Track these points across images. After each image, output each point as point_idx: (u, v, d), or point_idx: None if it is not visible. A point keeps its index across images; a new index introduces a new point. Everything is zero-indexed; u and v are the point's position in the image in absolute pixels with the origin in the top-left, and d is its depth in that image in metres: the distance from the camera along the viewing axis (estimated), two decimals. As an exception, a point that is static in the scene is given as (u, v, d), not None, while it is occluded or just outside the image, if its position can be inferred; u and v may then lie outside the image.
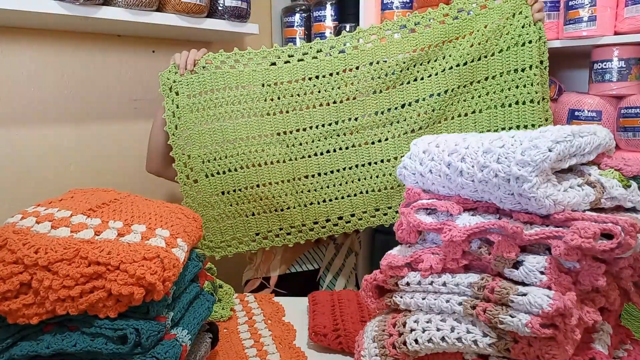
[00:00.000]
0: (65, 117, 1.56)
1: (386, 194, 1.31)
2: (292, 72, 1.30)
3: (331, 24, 1.98)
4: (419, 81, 1.26)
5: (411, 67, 1.26)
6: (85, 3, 1.29)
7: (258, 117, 1.31)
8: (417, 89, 1.27)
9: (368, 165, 1.31)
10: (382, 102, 1.28)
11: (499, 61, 1.24)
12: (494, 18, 1.22)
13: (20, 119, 1.47)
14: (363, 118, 1.29)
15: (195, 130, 1.32)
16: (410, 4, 1.78)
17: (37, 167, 1.51)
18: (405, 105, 1.27)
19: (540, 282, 0.58)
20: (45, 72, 1.51)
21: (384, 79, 1.27)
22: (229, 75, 1.32)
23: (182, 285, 0.77)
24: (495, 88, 1.24)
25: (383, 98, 1.28)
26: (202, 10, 1.55)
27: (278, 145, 1.32)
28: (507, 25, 1.22)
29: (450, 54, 1.25)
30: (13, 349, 0.64)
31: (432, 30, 1.25)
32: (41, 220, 0.73)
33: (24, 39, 1.45)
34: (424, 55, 1.25)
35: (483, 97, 1.26)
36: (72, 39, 1.55)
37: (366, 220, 1.33)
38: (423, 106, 1.26)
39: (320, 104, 1.30)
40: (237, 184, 1.33)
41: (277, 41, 2.17)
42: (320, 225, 1.35)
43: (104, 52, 1.63)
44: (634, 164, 0.67)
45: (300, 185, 1.33)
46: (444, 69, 1.25)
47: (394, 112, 1.28)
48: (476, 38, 1.23)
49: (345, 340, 0.91)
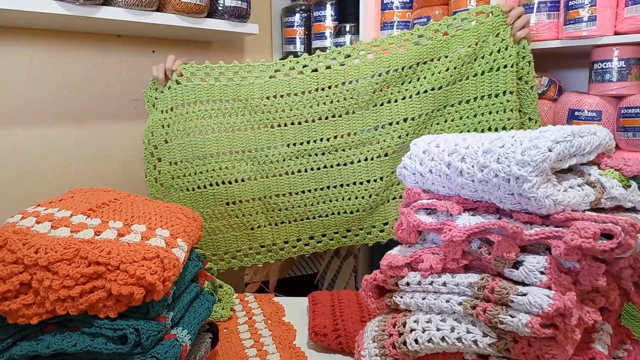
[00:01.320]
0: (65, 117, 1.56)
1: (358, 216, 1.29)
2: (263, 89, 1.27)
3: (331, 24, 1.98)
4: (392, 103, 1.24)
5: (384, 89, 1.24)
6: (85, 3, 1.29)
7: (229, 132, 1.29)
8: (390, 111, 1.24)
9: (340, 187, 1.28)
10: (355, 124, 1.26)
11: (473, 86, 1.21)
12: (470, 41, 1.20)
13: (20, 119, 1.47)
14: (335, 139, 1.26)
15: (165, 146, 1.30)
16: (410, 4, 1.78)
17: (37, 167, 1.51)
18: (378, 127, 1.25)
19: (540, 282, 0.58)
20: (45, 72, 1.51)
21: (357, 99, 1.24)
22: (199, 88, 1.29)
23: (182, 285, 0.77)
24: (469, 113, 1.22)
25: (356, 119, 1.26)
26: (202, 10, 1.55)
27: (249, 162, 1.30)
28: (483, 48, 1.19)
29: (425, 77, 1.22)
30: (13, 349, 0.64)
31: (406, 52, 1.23)
32: (41, 220, 0.73)
33: (24, 39, 1.45)
34: (397, 76, 1.23)
35: (456, 122, 1.23)
36: (72, 39, 1.55)
37: (337, 241, 1.32)
38: (397, 130, 1.24)
39: (292, 123, 1.27)
40: (206, 201, 1.30)
41: (277, 41, 2.17)
42: (290, 245, 1.32)
43: (104, 52, 1.63)
44: (634, 164, 0.67)
45: (272, 204, 1.30)
46: (419, 92, 1.22)
47: (367, 134, 1.25)
48: (452, 62, 1.20)
49: (345, 340, 0.91)
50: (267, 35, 2.15)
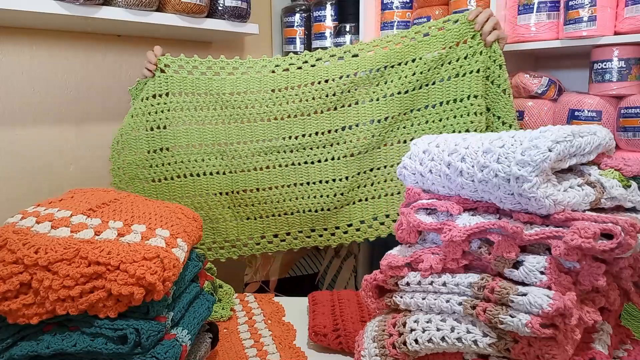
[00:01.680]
0: (65, 117, 1.56)
1: (322, 215, 1.31)
2: (234, 85, 1.28)
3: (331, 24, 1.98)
4: (360, 105, 1.26)
5: (352, 90, 1.26)
6: (85, 3, 1.29)
7: (199, 125, 1.30)
8: (358, 112, 1.26)
9: (306, 185, 1.29)
10: (322, 123, 1.28)
11: (439, 90, 1.24)
12: (437, 47, 1.22)
13: (20, 119, 1.47)
14: (303, 137, 1.28)
15: (132, 135, 1.29)
16: (410, 4, 1.78)
17: (37, 167, 1.51)
18: (345, 128, 1.27)
19: (540, 282, 0.57)
20: (45, 72, 1.51)
21: (325, 99, 1.26)
22: (172, 80, 1.30)
23: (182, 285, 0.77)
24: (435, 117, 1.25)
25: (324, 119, 1.28)
26: (202, 10, 1.55)
27: (218, 156, 1.31)
28: (450, 55, 1.22)
29: (392, 80, 1.25)
30: (13, 349, 0.64)
31: (374, 55, 1.25)
32: (41, 220, 0.73)
33: (24, 39, 1.45)
34: (365, 78, 1.25)
35: (422, 125, 1.26)
36: (72, 39, 1.55)
37: (301, 240, 1.33)
38: (363, 131, 1.26)
39: (262, 119, 1.29)
40: (172, 193, 1.30)
41: (277, 41, 2.17)
42: (254, 242, 1.33)
43: (104, 52, 1.63)
44: (634, 164, 0.67)
45: (238, 199, 1.31)
46: (385, 95, 1.25)
47: (334, 134, 1.27)
48: (418, 66, 1.23)
49: (345, 340, 0.91)
50: (267, 35, 2.15)
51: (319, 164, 1.28)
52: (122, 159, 1.30)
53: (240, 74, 1.29)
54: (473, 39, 1.20)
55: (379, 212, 1.30)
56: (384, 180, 1.29)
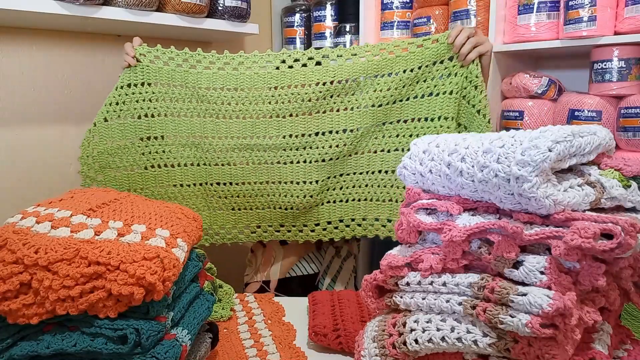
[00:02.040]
0: (65, 117, 1.56)
1: (292, 213, 1.33)
2: (210, 79, 1.28)
3: (331, 24, 1.98)
4: (334, 112, 1.27)
5: (328, 97, 1.27)
6: (85, 3, 1.29)
7: (174, 117, 1.30)
8: (332, 120, 1.27)
9: (278, 184, 1.31)
10: (297, 127, 1.28)
11: (412, 107, 1.26)
12: (414, 64, 1.23)
13: (20, 119, 1.47)
14: (277, 138, 1.29)
15: (105, 124, 1.29)
16: (410, 4, 1.78)
17: (37, 167, 1.51)
18: (319, 133, 1.28)
19: (540, 282, 0.57)
20: (45, 72, 1.51)
21: (301, 104, 1.27)
22: (147, 70, 1.29)
23: (182, 285, 0.77)
24: (405, 132, 1.27)
25: (298, 123, 1.28)
26: (202, 10, 1.55)
27: (193, 148, 1.32)
28: (425, 73, 1.23)
29: (367, 92, 1.26)
30: (13, 349, 0.64)
31: (352, 65, 1.26)
32: (41, 220, 0.73)
33: (24, 39, 1.45)
34: (340, 87, 1.26)
35: (393, 139, 1.28)
36: (72, 39, 1.55)
37: (270, 234, 1.36)
38: (335, 139, 1.27)
39: (237, 117, 1.29)
40: (145, 182, 1.31)
41: (277, 41, 2.17)
42: (226, 232, 1.36)
43: (104, 52, 1.63)
44: (634, 164, 0.67)
45: (211, 191, 1.33)
46: (359, 106, 1.26)
47: (307, 138, 1.28)
48: (394, 82, 1.24)
49: (345, 340, 0.91)
50: (267, 35, 2.15)
51: (291, 165, 1.30)
52: (92, 148, 1.29)
53: (217, 69, 1.29)
54: (450, 61, 1.22)
55: (345, 215, 1.34)
56: (352, 186, 1.33)
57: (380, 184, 1.32)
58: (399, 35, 1.78)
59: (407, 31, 1.77)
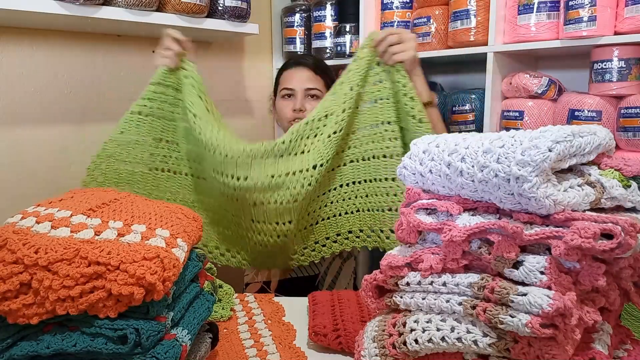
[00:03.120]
0: (65, 117, 1.56)
1: (265, 250, 1.33)
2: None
3: (331, 24, 1.98)
4: (305, 154, 1.27)
5: (299, 139, 1.26)
6: (85, 3, 1.29)
7: (188, 129, 1.31)
8: (302, 160, 1.27)
9: (251, 222, 1.30)
10: (268, 168, 1.26)
11: (359, 117, 1.27)
12: (355, 79, 1.24)
13: (20, 119, 1.47)
14: (245, 180, 1.25)
15: (137, 116, 1.30)
16: (410, 4, 1.78)
17: (37, 167, 1.51)
18: (289, 174, 1.25)
19: (540, 282, 0.57)
20: (45, 72, 1.51)
21: (272, 147, 1.25)
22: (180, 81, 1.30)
23: (182, 285, 0.77)
24: (356, 142, 1.28)
25: (269, 165, 1.26)
26: (202, 10, 1.55)
27: (195, 162, 1.35)
28: (362, 84, 1.24)
29: (329, 123, 1.26)
30: (13, 349, 0.64)
31: (318, 106, 1.28)
32: (41, 220, 0.73)
33: (24, 39, 1.45)
34: (309, 129, 1.27)
35: (346, 152, 1.29)
36: (72, 39, 1.55)
37: (237, 261, 1.39)
38: (306, 177, 1.25)
39: (215, 151, 1.26)
40: (145, 183, 1.32)
41: (277, 41, 2.17)
42: (215, 253, 1.40)
43: (104, 52, 1.63)
44: (634, 164, 0.67)
45: (200, 210, 1.37)
46: (324, 139, 1.26)
47: (278, 179, 1.25)
48: (345, 102, 1.24)
49: (345, 340, 0.91)
50: (267, 35, 2.15)
51: (262, 205, 1.27)
52: (115, 139, 1.29)
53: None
54: (378, 66, 1.23)
55: (308, 240, 1.36)
56: (332, 202, 1.34)
57: (357, 194, 1.31)
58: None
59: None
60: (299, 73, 1.50)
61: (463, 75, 1.93)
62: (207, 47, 1.90)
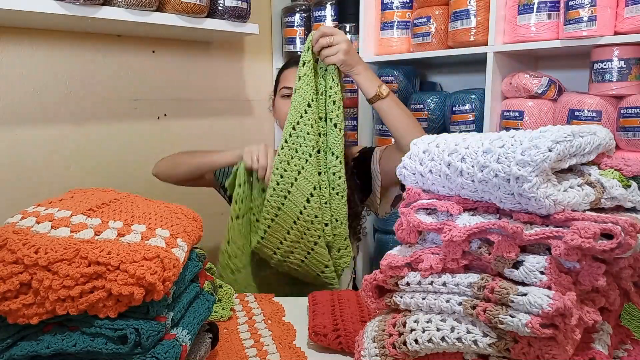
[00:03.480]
0: (65, 117, 1.56)
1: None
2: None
3: (331, 24, 1.98)
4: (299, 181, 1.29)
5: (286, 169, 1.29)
6: (85, 3, 1.29)
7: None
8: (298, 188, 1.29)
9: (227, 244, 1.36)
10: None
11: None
12: (307, 92, 1.26)
13: (20, 119, 1.47)
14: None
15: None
16: (410, 4, 1.78)
17: (37, 167, 1.51)
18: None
19: (540, 282, 0.57)
20: (45, 72, 1.51)
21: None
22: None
23: (182, 285, 0.77)
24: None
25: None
26: (202, 10, 1.55)
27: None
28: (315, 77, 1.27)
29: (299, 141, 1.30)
30: (13, 349, 0.64)
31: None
32: (41, 220, 0.73)
33: (24, 39, 1.45)
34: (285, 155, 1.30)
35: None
36: (72, 39, 1.55)
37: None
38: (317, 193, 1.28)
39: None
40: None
41: (277, 41, 2.17)
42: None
43: (104, 52, 1.63)
44: (634, 164, 0.67)
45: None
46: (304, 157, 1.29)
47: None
48: (312, 113, 1.25)
49: (345, 340, 0.91)
50: (267, 35, 2.15)
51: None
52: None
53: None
54: (316, 63, 1.26)
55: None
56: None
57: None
58: (399, 35, 1.78)
59: (407, 31, 1.78)
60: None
61: (463, 75, 1.93)
62: (207, 47, 1.90)
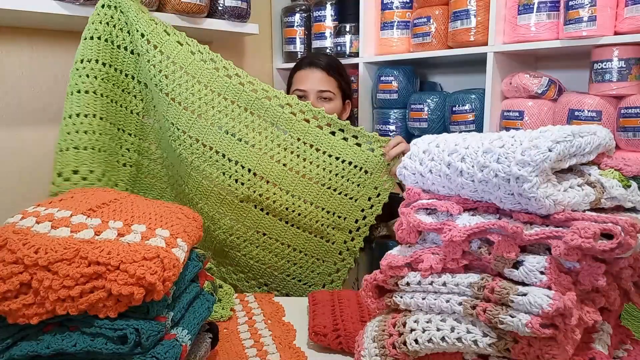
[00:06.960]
0: (65, 117, 1.56)
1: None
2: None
3: (331, 24, 1.98)
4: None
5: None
6: (85, 3, 1.29)
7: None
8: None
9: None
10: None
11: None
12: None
13: (20, 119, 1.47)
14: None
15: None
16: (410, 4, 1.78)
17: (37, 167, 1.51)
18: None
19: (540, 282, 0.57)
20: (45, 72, 1.51)
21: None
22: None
23: (182, 285, 0.77)
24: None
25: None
26: (202, 10, 1.55)
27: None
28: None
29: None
30: (13, 349, 0.64)
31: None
32: (41, 220, 0.73)
33: (23, 39, 1.45)
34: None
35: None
36: (72, 39, 1.54)
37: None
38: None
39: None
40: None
41: (277, 41, 2.17)
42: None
43: (104, 52, 1.62)
44: (634, 164, 0.67)
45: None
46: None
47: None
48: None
49: (345, 340, 0.91)
50: (267, 35, 2.15)
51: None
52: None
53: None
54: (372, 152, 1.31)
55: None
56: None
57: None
58: (399, 35, 1.78)
59: (407, 31, 1.78)
60: (311, 74, 1.50)
61: (463, 75, 1.93)
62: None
